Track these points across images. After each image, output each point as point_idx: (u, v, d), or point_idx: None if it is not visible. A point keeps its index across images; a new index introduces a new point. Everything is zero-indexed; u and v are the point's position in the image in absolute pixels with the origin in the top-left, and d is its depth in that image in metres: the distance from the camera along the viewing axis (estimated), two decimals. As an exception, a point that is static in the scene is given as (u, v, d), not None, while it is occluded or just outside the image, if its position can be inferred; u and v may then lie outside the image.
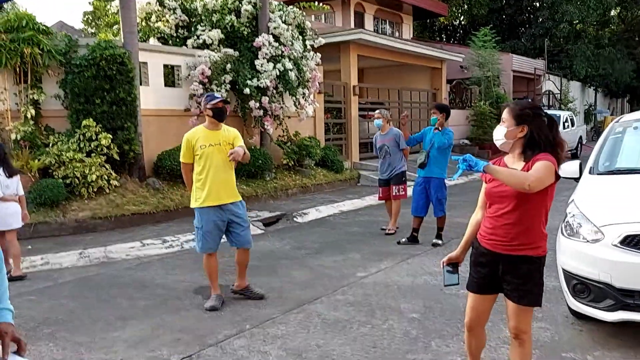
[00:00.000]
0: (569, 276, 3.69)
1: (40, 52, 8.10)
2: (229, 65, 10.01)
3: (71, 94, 8.32)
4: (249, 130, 10.73)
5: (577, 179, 4.42)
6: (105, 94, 8.20)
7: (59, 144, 8.08)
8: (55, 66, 8.42)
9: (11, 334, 1.79)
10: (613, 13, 32.89)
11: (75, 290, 5.11)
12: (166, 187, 9.00)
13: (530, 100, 23.43)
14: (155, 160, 9.26)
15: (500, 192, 2.58)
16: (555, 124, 2.64)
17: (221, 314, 4.37)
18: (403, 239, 6.79)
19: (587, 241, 3.60)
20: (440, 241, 6.50)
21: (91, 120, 8.14)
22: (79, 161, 7.86)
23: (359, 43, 13.96)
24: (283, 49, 10.52)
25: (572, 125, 19.01)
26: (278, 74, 10.28)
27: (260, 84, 10.07)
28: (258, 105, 10.16)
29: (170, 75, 10.12)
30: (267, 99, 10.24)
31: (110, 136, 8.17)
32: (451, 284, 2.86)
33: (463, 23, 32.55)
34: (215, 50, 10.20)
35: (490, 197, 2.66)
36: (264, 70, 10.18)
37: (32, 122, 8.21)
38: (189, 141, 4.49)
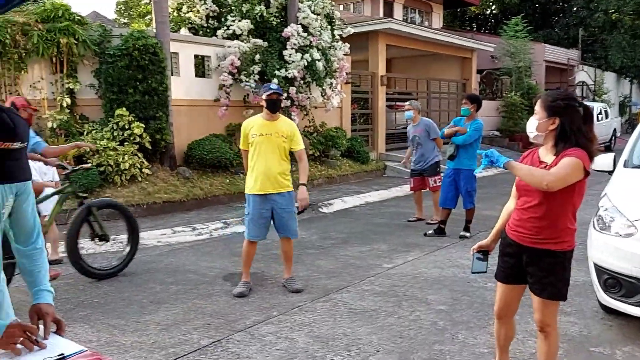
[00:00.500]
0: (600, 270, 3.64)
1: (75, 42, 8.31)
2: (257, 56, 10.08)
3: (105, 83, 8.52)
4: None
5: (611, 172, 4.35)
6: (138, 83, 8.36)
7: (93, 132, 8.30)
8: (90, 56, 8.63)
9: (52, 315, 1.85)
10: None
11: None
12: (196, 176, 9.15)
13: (563, 90, 22.96)
14: (185, 150, 9.43)
15: (526, 186, 2.56)
16: (591, 115, 2.57)
17: (250, 300, 4.47)
18: (430, 231, 6.78)
19: (620, 235, 3.55)
20: (468, 234, 6.46)
21: (124, 109, 8.32)
22: (112, 150, 8.07)
23: (387, 32, 13.86)
24: (311, 39, 10.53)
25: (606, 117, 18.54)
26: (306, 64, 10.30)
27: (288, 74, 10.12)
28: (285, 95, 10.22)
29: (201, 66, 10.25)
30: (295, 89, 10.28)
31: (143, 125, 8.35)
32: (479, 271, 2.85)
33: (494, 12, 31.92)
34: (245, 40, 10.27)
35: (519, 190, 2.66)
36: (292, 61, 10.21)
37: (68, 111, 8.44)
38: (244, 129, 4.64)
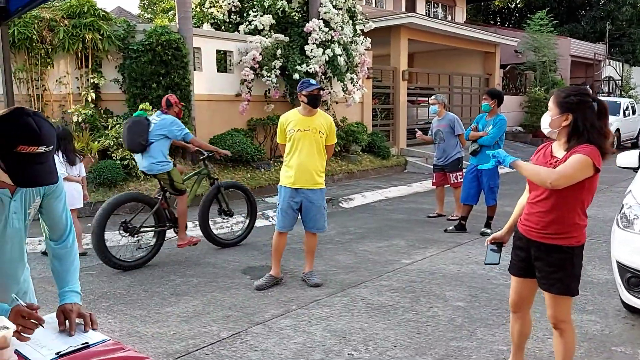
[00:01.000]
0: (623, 269, 3.59)
1: (100, 38, 8.45)
2: (279, 51, 10.11)
3: (129, 78, 8.65)
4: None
5: (636, 170, 4.26)
6: (161, 78, 8.47)
7: (117, 126, 8.43)
8: (114, 51, 8.76)
9: (76, 312, 1.90)
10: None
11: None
12: (217, 171, 9.22)
13: (587, 86, 22.40)
14: (206, 144, 9.51)
15: None
16: (605, 111, 2.53)
17: (268, 293, 4.51)
18: (450, 227, 6.74)
19: (644, 234, 3.49)
20: (489, 230, 6.40)
21: (147, 104, 8.33)
22: (135, 144, 8.18)
23: (409, 27, 13.76)
24: (333, 34, 10.51)
25: (634, 113, 18.12)
26: (327, 59, 10.30)
27: (310, 69, 10.13)
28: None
29: (223, 61, 10.32)
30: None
31: (165, 120, 8.44)
32: (492, 262, 2.87)
33: (519, 6, 31.38)
34: (266, 35, 10.31)
35: (530, 184, 2.67)
36: (314, 56, 10.22)
37: (93, 105, 8.60)
38: (281, 124, 4.68)
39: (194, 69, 9.27)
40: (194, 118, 9.08)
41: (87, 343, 1.77)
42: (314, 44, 10.30)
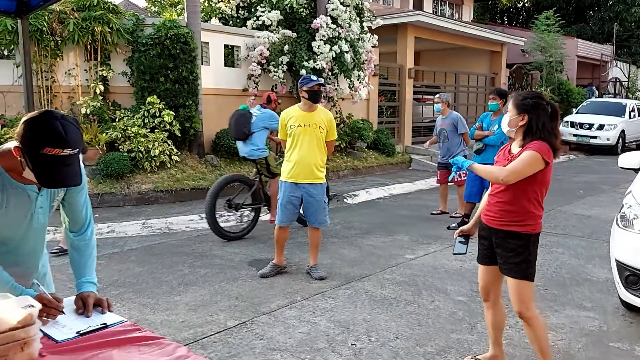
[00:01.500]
0: (621, 267, 3.66)
1: (109, 31, 8.53)
2: (286, 47, 10.18)
3: (137, 71, 8.73)
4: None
5: (637, 171, 4.33)
6: (169, 72, 8.56)
7: (125, 119, 8.54)
8: (123, 44, 8.85)
9: (93, 297, 2.01)
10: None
11: (140, 257, 5.48)
12: (223, 164, 9.34)
13: (594, 87, 22.30)
14: (213, 138, 9.61)
15: None
16: (557, 113, 2.79)
17: (274, 285, 4.61)
18: (453, 224, 6.82)
19: (643, 233, 3.56)
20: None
21: (155, 97, 8.53)
22: (143, 136, 8.29)
23: (416, 25, 13.79)
24: (340, 31, 10.57)
25: (639, 114, 18.09)
26: (334, 55, 10.37)
27: (316, 65, 10.19)
28: (313, 86, 10.29)
29: (230, 56, 10.39)
30: (323, 80, 10.33)
31: (173, 113, 8.55)
32: (459, 252, 3.12)
33: (527, 5, 31.32)
34: (274, 31, 10.37)
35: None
36: (321, 52, 10.28)
37: (101, 98, 8.70)
38: (282, 120, 4.79)
39: (202, 63, 9.35)
40: (201, 112, 9.16)
41: (105, 323, 1.87)
42: (321, 40, 10.37)
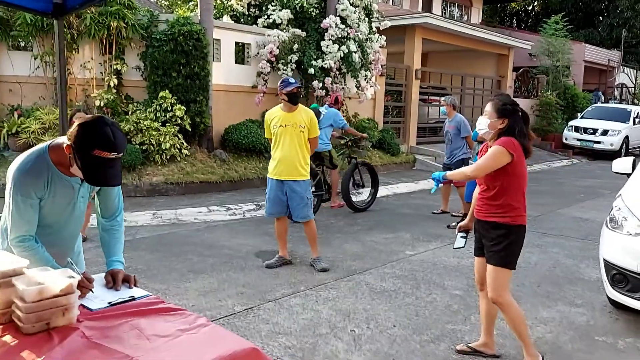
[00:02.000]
0: (609, 266, 3.87)
1: (124, 26, 8.77)
2: (296, 45, 10.38)
3: (150, 66, 8.97)
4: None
5: (629, 175, 4.52)
6: (181, 68, 8.78)
7: (138, 112, 8.78)
8: (137, 39, 9.08)
9: (122, 274, 2.29)
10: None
11: (152, 245, 5.72)
12: (231, 159, 9.56)
13: (600, 92, 22.34)
14: (222, 133, 9.83)
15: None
16: (528, 118, 3.09)
17: (279, 275, 4.84)
18: (453, 223, 7.02)
19: (630, 234, 3.76)
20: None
21: (167, 92, 8.76)
22: (154, 130, 8.53)
23: (425, 27, 13.95)
24: (349, 31, 10.76)
25: (645, 121, 18.20)
26: (342, 55, 10.56)
27: (325, 64, 10.40)
28: (321, 85, 10.51)
29: (240, 53, 10.61)
30: (330, 79, 10.56)
31: (184, 108, 8.78)
32: (459, 246, 3.41)
33: (536, 9, 31.39)
34: (284, 30, 10.58)
35: (477, 179, 3.21)
36: (329, 52, 10.48)
37: (115, 91, 8.94)
38: (267, 120, 5.05)
39: (213, 60, 9.57)
40: (211, 107, 9.39)
41: (133, 296, 2.11)
42: (330, 40, 10.56)
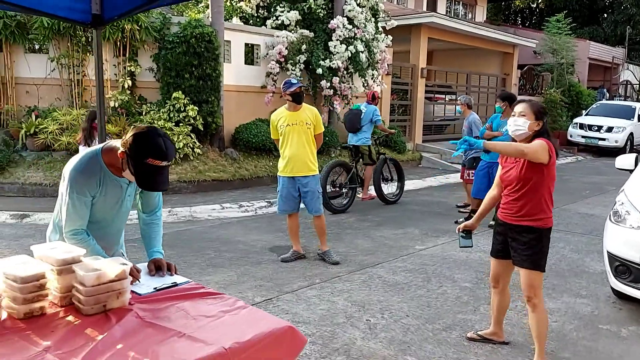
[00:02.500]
0: (612, 258, 4.05)
1: (138, 29, 8.99)
2: (304, 46, 10.58)
3: (163, 67, 9.18)
4: (319, 108, 11.19)
5: (632, 171, 4.69)
6: (194, 69, 8.99)
7: (151, 113, 8.99)
8: (151, 42, 9.30)
9: (164, 262, 2.49)
10: None
11: (170, 241, 5.90)
12: (242, 158, 9.77)
13: (605, 89, 22.47)
14: (233, 133, 10.04)
15: (508, 176, 3.17)
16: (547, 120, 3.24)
17: (295, 269, 5.04)
18: (461, 219, 7.20)
19: (633, 227, 3.94)
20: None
21: (180, 92, 8.98)
22: (168, 130, 8.72)
23: (430, 26, 14.12)
24: (356, 31, 10.95)
25: (649, 117, 18.29)
26: (350, 55, 10.75)
27: (332, 64, 10.59)
28: (329, 85, 10.71)
29: (250, 54, 10.81)
30: (338, 79, 10.75)
31: (197, 108, 8.99)
32: (466, 246, 3.44)
33: (540, 7, 31.44)
34: (292, 31, 10.77)
35: (503, 182, 3.24)
36: (337, 52, 10.67)
37: (128, 92, 9.16)
38: (273, 122, 5.26)
39: (224, 61, 9.78)
40: (222, 107, 9.60)
41: (176, 282, 2.31)
42: (337, 40, 10.75)
